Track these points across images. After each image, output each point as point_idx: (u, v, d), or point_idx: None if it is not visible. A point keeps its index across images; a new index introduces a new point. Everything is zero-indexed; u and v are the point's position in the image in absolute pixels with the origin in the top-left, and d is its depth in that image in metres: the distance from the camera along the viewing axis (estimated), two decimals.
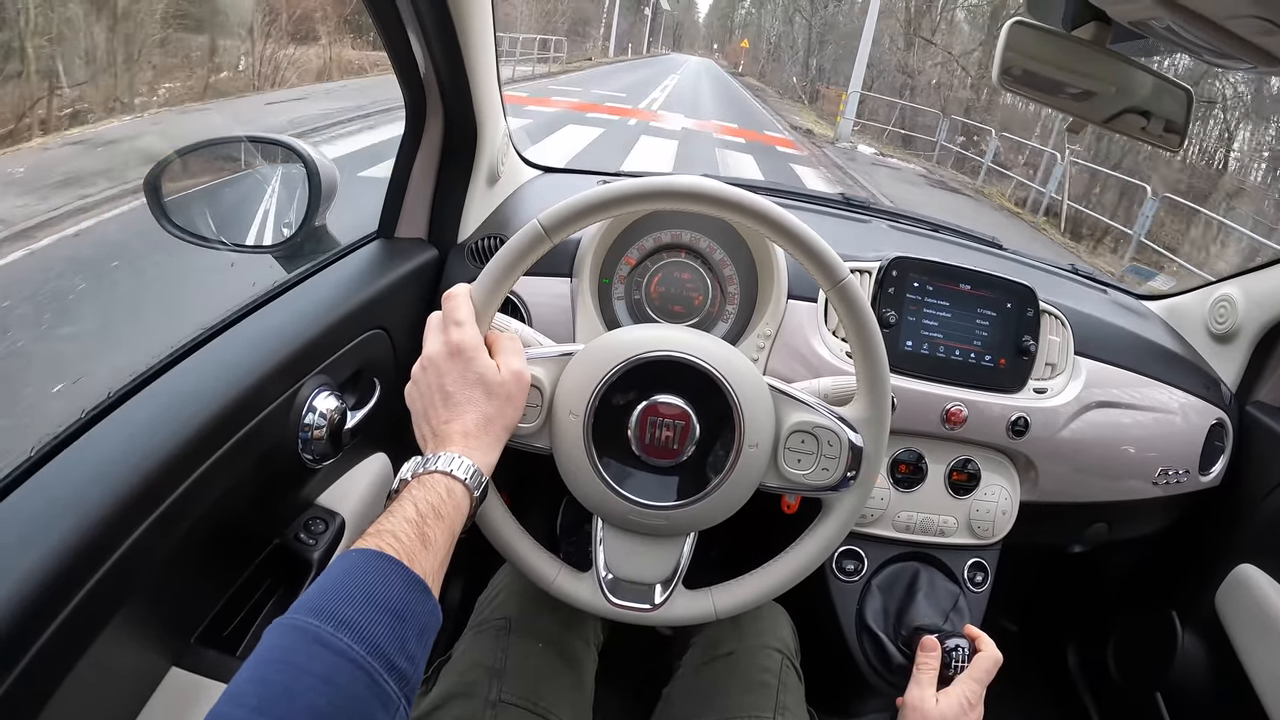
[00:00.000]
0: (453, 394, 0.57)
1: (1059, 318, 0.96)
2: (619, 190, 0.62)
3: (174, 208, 0.88)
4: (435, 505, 0.51)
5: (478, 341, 0.59)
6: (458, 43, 0.77)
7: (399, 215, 0.88)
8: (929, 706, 0.68)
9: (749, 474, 0.64)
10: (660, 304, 0.82)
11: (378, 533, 0.48)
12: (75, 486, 0.50)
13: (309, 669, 0.40)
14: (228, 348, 0.67)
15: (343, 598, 0.44)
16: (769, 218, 0.62)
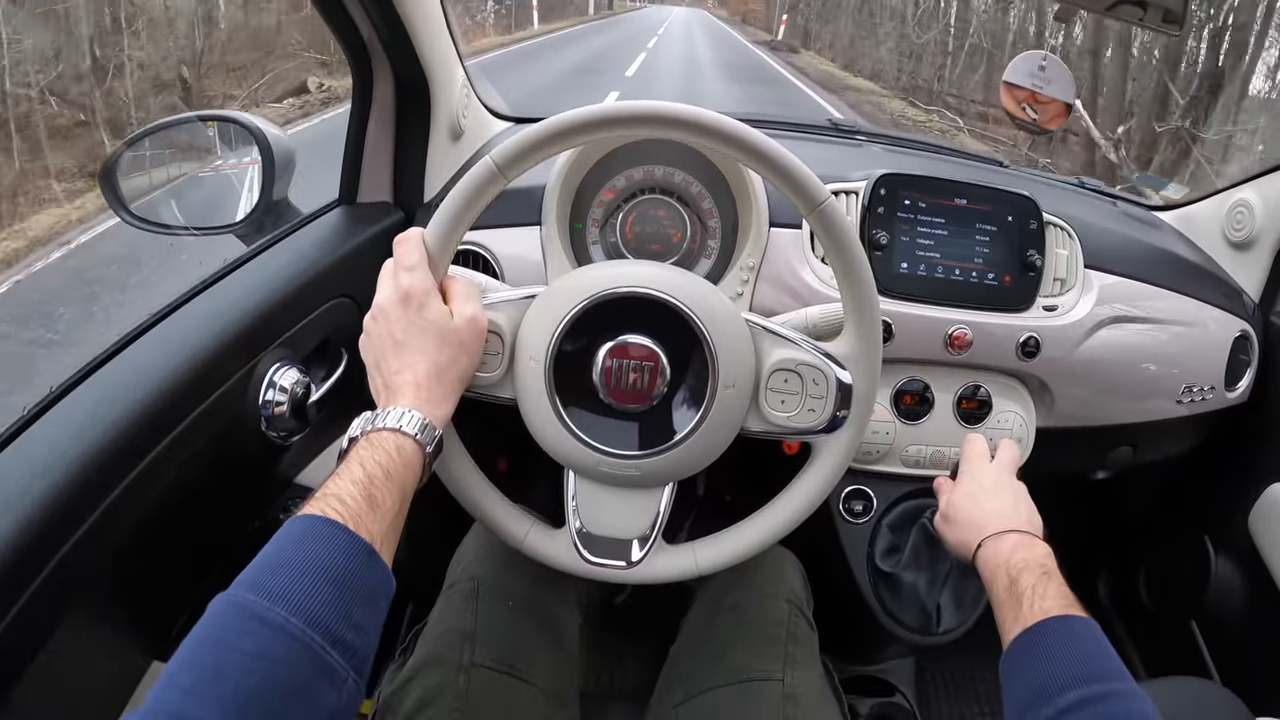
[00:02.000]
0: (403, 342, 0.54)
1: (1065, 229, 0.91)
2: (574, 118, 0.57)
3: (131, 196, 0.86)
4: (384, 464, 0.49)
5: (429, 286, 0.56)
6: (392, 2, 0.73)
7: (359, 180, 0.84)
8: (953, 500, 0.71)
9: (727, 418, 0.60)
10: (637, 244, 0.78)
11: (323, 497, 0.46)
12: (17, 482, 0.48)
13: (240, 646, 0.38)
14: (177, 328, 0.65)
15: (281, 568, 0.42)
16: (739, 139, 0.57)
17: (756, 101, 10.31)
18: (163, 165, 0.88)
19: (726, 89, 11.31)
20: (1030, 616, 0.54)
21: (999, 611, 0.59)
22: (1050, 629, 0.53)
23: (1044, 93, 0.83)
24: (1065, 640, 0.53)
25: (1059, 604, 0.55)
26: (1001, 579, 0.59)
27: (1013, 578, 0.58)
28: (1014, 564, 0.59)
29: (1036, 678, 0.51)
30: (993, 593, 0.60)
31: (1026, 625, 0.54)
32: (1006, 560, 0.60)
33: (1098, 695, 0.48)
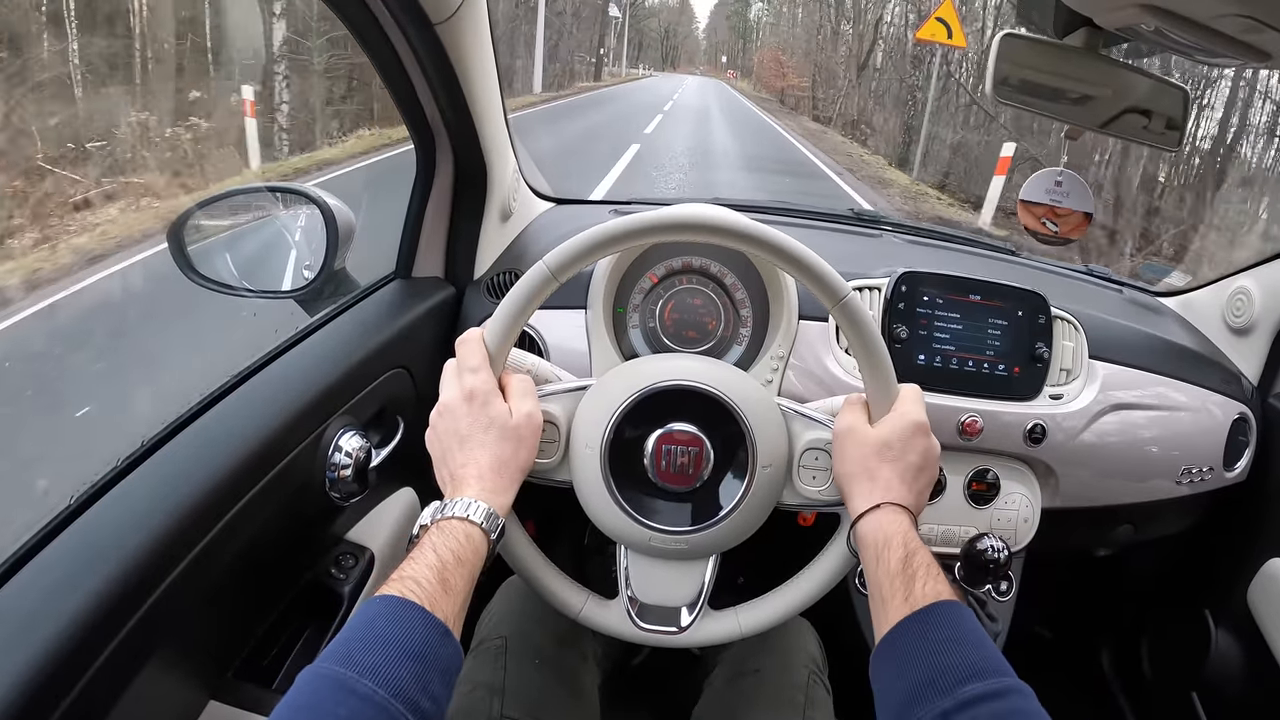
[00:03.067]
0: (468, 437, 0.60)
1: (1072, 323, 0.96)
2: (620, 227, 0.64)
3: (198, 257, 0.91)
4: (455, 551, 0.53)
5: (491, 386, 0.61)
6: (461, 89, 0.80)
7: (415, 255, 0.90)
8: (863, 429, 0.63)
9: (765, 494, 0.66)
10: (675, 330, 0.84)
11: (400, 579, 0.50)
12: (115, 531, 0.53)
13: (336, 714, 0.43)
14: (255, 393, 0.70)
15: (367, 644, 0.46)
16: (767, 242, 0.63)
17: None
18: (230, 229, 0.94)
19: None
20: (922, 597, 0.52)
21: (884, 583, 0.55)
22: (944, 613, 0.51)
23: (1063, 205, 0.89)
24: (960, 628, 0.50)
25: (949, 589, 0.53)
26: (897, 551, 0.55)
27: (909, 552, 0.55)
28: (910, 539, 0.56)
29: (932, 665, 0.49)
30: (879, 562, 0.56)
31: (918, 606, 0.51)
32: (904, 532, 0.57)
33: (999, 691, 0.47)
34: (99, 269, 3.22)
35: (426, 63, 0.75)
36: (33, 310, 2.89)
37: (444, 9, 0.70)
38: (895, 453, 0.61)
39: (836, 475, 0.64)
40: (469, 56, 0.77)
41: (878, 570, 0.56)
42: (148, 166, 4.44)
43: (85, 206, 3.63)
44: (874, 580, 0.56)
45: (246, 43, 6.84)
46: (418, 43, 0.72)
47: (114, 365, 2.48)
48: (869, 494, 0.60)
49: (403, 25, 0.70)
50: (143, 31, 5.38)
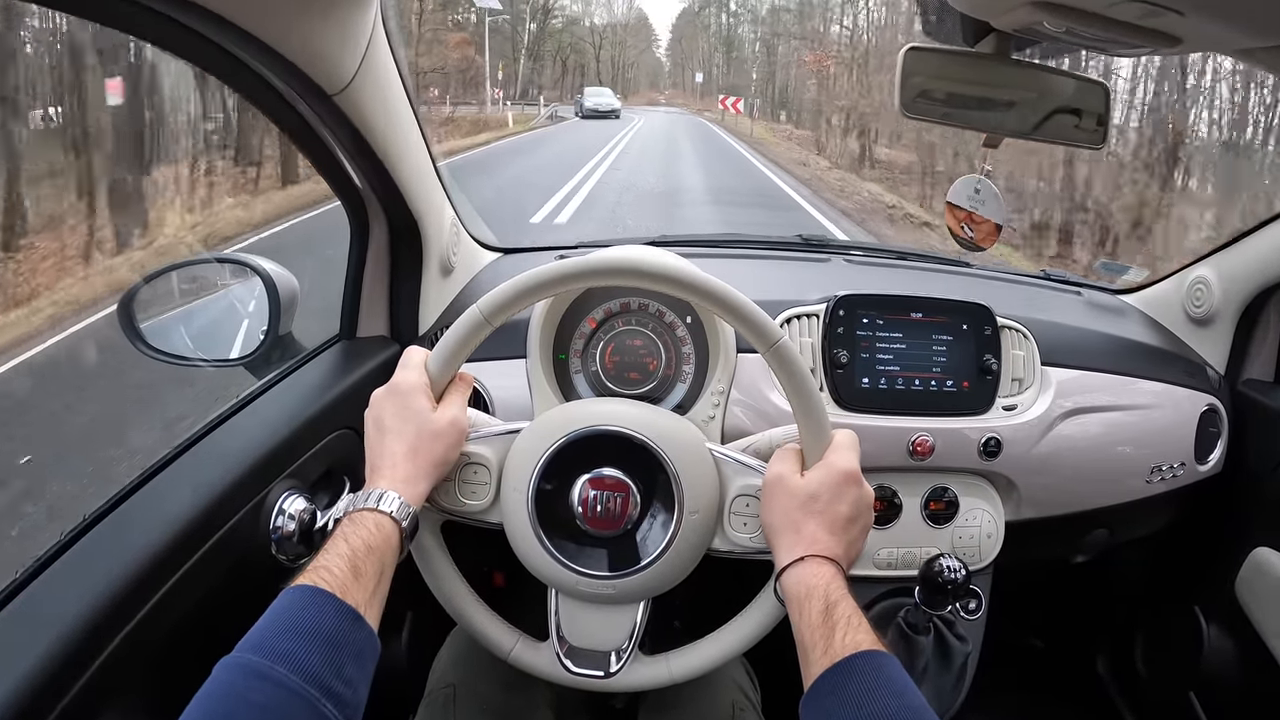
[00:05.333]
0: (387, 428, 0.63)
1: (1021, 331, 0.96)
2: (550, 273, 0.65)
3: (149, 330, 0.93)
4: (365, 539, 0.55)
5: (418, 384, 0.64)
6: (375, 153, 0.81)
7: (358, 315, 0.91)
8: (791, 480, 0.62)
9: (693, 540, 0.66)
10: (617, 373, 0.84)
11: (313, 569, 0.53)
12: (51, 608, 0.54)
13: (250, 699, 0.45)
14: (195, 462, 0.71)
15: (279, 632, 0.49)
16: (696, 286, 0.64)
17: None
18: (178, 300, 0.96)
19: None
20: (842, 649, 0.52)
21: (806, 635, 0.55)
22: (863, 665, 0.51)
23: (979, 213, 0.90)
24: (878, 678, 0.51)
25: (871, 639, 0.53)
26: (817, 603, 0.56)
27: (830, 604, 0.55)
28: (833, 590, 0.56)
29: (852, 718, 0.49)
30: (801, 614, 0.56)
31: (838, 658, 0.52)
32: (826, 585, 0.57)
33: None
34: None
35: (337, 130, 0.76)
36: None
37: (339, 80, 0.71)
38: (822, 504, 0.60)
39: (764, 525, 0.64)
40: (375, 122, 0.78)
41: (800, 622, 0.56)
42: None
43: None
44: (797, 631, 0.57)
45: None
46: (322, 112, 0.73)
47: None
48: (793, 546, 0.60)
49: (304, 98, 0.71)
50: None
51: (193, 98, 7.29)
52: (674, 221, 8.02)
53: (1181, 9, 0.57)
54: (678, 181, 11.37)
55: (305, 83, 0.68)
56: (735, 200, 10.00)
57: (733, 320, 0.65)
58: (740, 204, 9.73)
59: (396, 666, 1.00)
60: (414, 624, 1.04)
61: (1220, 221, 6.34)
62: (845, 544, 0.61)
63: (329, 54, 0.68)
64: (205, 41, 0.60)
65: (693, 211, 8.97)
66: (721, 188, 11.04)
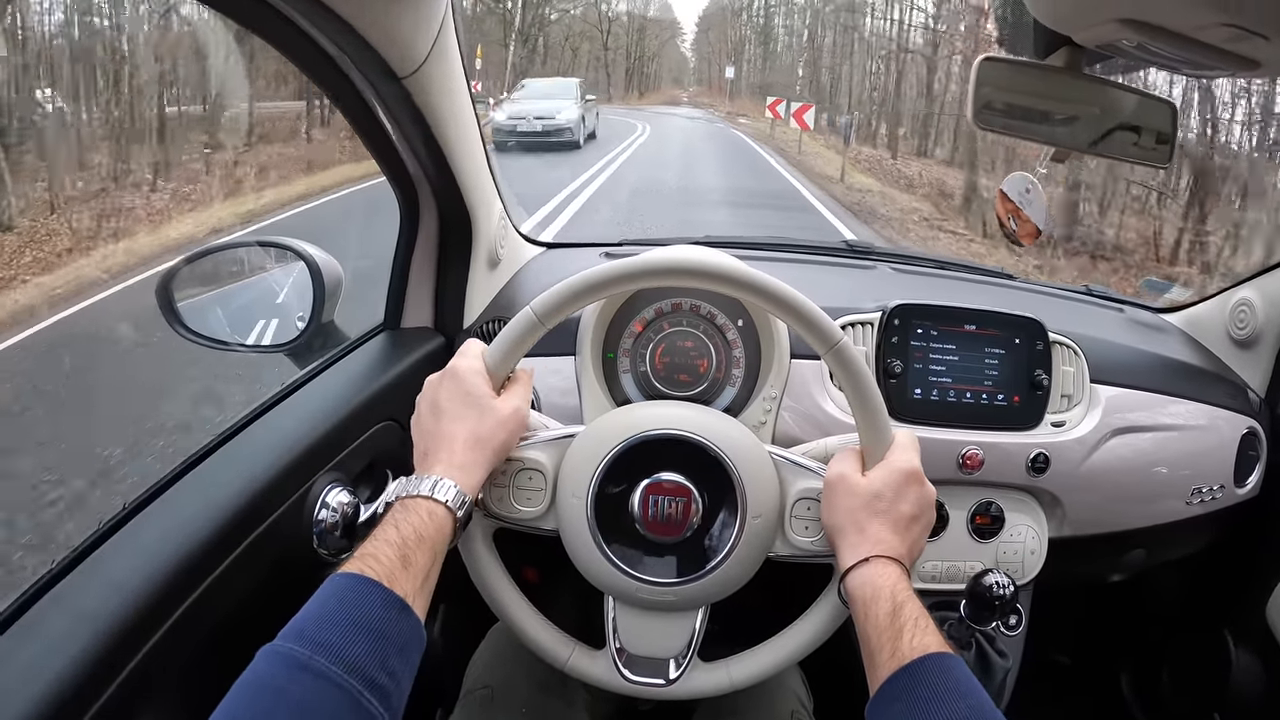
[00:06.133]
0: (445, 410, 0.60)
1: (1071, 347, 0.95)
2: (606, 273, 0.64)
3: (187, 312, 0.91)
4: (417, 528, 0.53)
5: (478, 371, 0.62)
6: (436, 140, 0.79)
7: (403, 306, 0.90)
8: (854, 479, 0.61)
9: (756, 545, 0.65)
10: (666, 374, 0.83)
11: (360, 557, 0.51)
12: (94, 597, 0.52)
13: (289, 692, 0.43)
14: (239, 451, 0.69)
15: (322, 621, 0.47)
16: (756, 287, 0.63)
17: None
18: (218, 283, 0.94)
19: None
20: (910, 651, 0.51)
21: (873, 637, 0.54)
22: (931, 667, 0.50)
23: (1024, 211, 0.89)
24: (947, 680, 0.50)
25: (939, 641, 0.52)
26: (884, 604, 0.55)
27: (897, 605, 0.54)
28: (899, 591, 0.56)
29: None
30: (867, 616, 0.56)
31: (905, 660, 0.51)
32: (892, 585, 0.56)
33: None
34: None
35: (399, 115, 0.75)
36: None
37: (409, 63, 0.69)
38: (886, 503, 0.60)
39: (826, 527, 0.63)
40: (441, 108, 0.77)
41: (866, 624, 0.55)
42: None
43: None
44: (863, 633, 0.56)
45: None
46: (387, 96, 0.72)
47: None
48: (857, 547, 0.59)
49: (370, 79, 0.70)
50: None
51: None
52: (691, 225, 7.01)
53: (1269, 34, 0.56)
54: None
55: (376, 62, 0.66)
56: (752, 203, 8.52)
57: (792, 321, 0.64)
58: (754, 205, 8.48)
59: (429, 659, 0.98)
60: (447, 617, 1.03)
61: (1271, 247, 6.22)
62: (909, 543, 0.60)
63: (403, 35, 0.67)
64: (276, 13, 0.59)
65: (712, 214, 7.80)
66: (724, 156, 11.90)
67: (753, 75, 35.16)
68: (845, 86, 25.53)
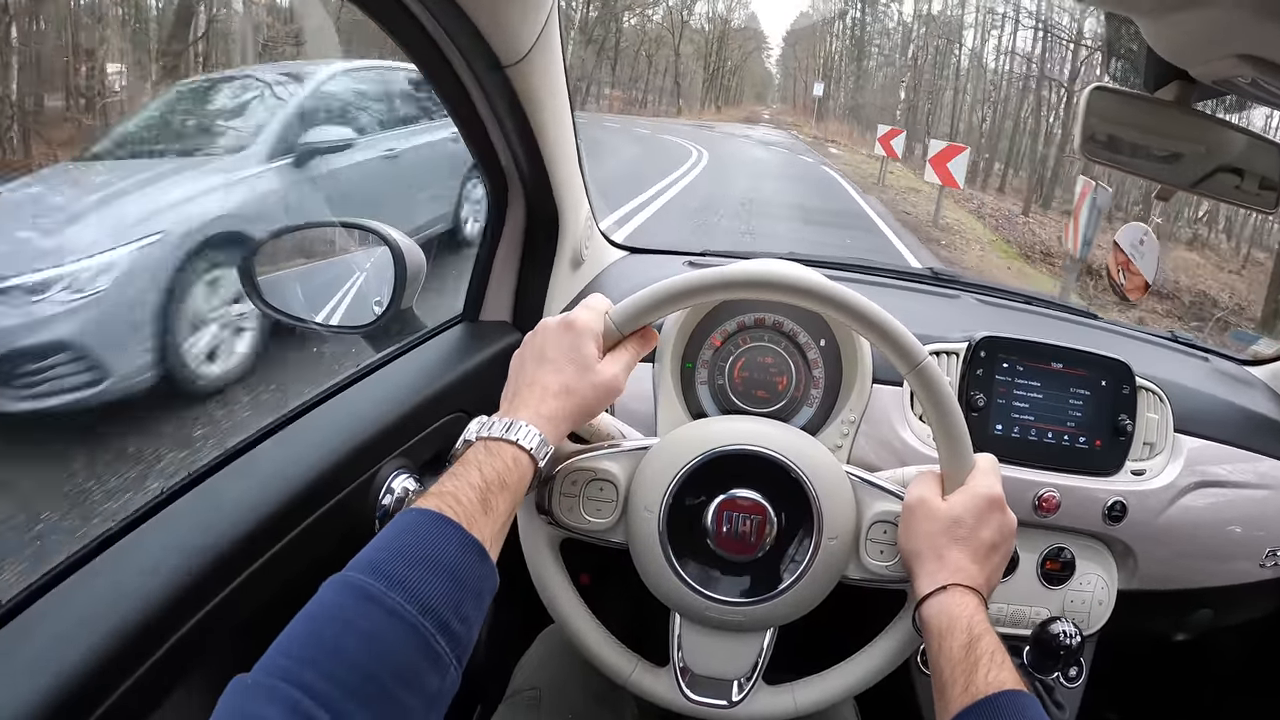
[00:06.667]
0: (547, 359, 0.58)
1: (1157, 394, 0.91)
2: (689, 283, 0.62)
3: (267, 287, 0.92)
4: (500, 472, 0.51)
5: (593, 328, 0.60)
6: (533, 133, 0.79)
7: (484, 299, 0.89)
8: (935, 504, 0.60)
9: (829, 567, 0.63)
10: (744, 389, 0.82)
11: (439, 494, 0.49)
12: (150, 558, 0.52)
13: (359, 626, 0.41)
14: (311, 428, 0.70)
15: (398, 556, 0.44)
16: (842, 303, 0.61)
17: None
18: (299, 262, 0.95)
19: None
20: (984, 686, 0.50)
21: (946, 669, 0.53)
22: (1006, 705, 0.49)
23: (1135, 264, 0.86)
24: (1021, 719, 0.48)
25: (1014, 678, 0.51)
26: (960, 636, 0.53)
27: (973, 638, 0.53)
28: (976, 623, 0.54)
29: None
30: (941, 646, 0.54)
31: (979, 696, 0.49)
32: (970, 616, 0.55)
33: None
34: None
35: (498, 105, 0.74)
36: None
37: (515, 51, 0.69)
38: (966, 530, 0.58)
39: (903, 551, 0.61)
40: (541, 100, 0.76)
41: (940, 655, 0.54)
42: None
43: None
44: (935, 665, 0.54)
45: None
46: (489, 85, 0.71)
47: None
48: (935, 574, 0.57)
49: (474, 67, 0.69)
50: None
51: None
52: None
53: None
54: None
55: (482, 49, 0.66)
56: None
57: (876, 338, 0.62)
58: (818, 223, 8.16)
59: (472, 656, 0.98)
60: (494, 617, 1.03)
61: None
62: (988, 573, 0.58)
63: (511, 23, 0.66)
64: None
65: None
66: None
67: (844, 95, 30.78)
68: (960, 115, 21.31)
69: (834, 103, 30.54)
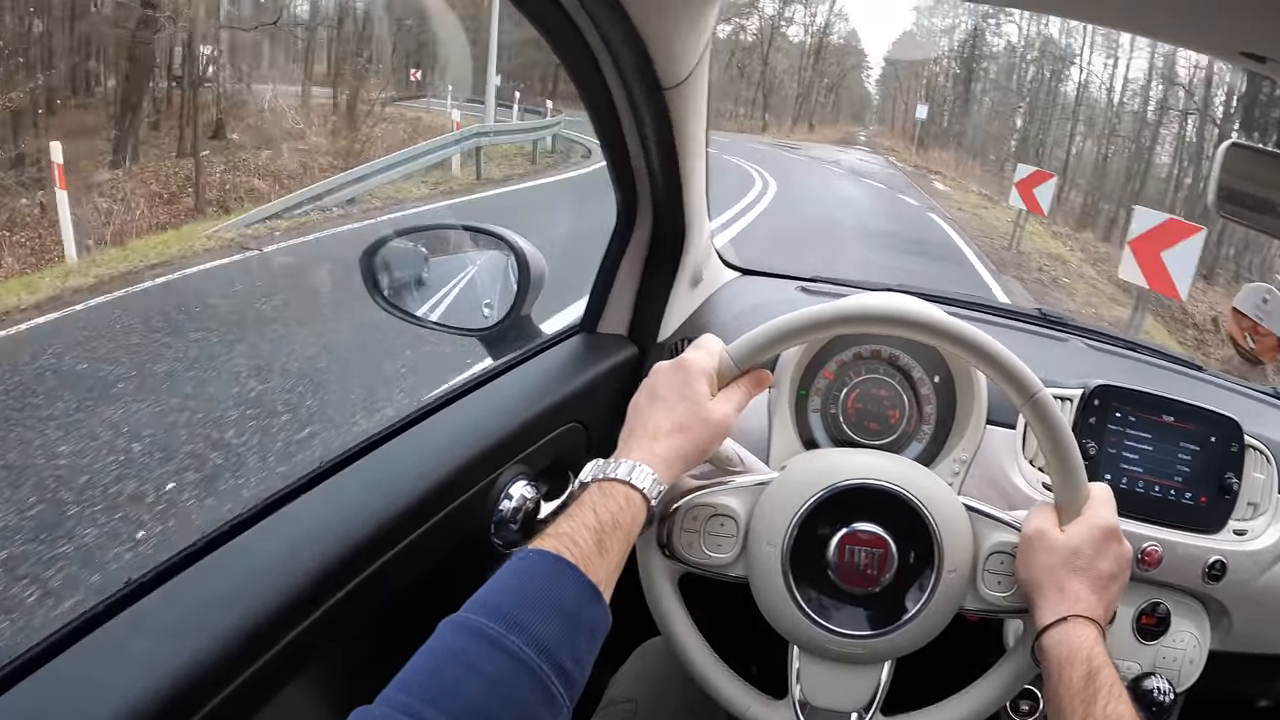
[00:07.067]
0: (660, 397, 0.61)
1: (1264, 453, 0.91)
2: (806, 319, 0.64)
3: (386, 283, 0.95)
4: (614, 513, 0.53)
5: (705, 368, 0.62)
6: (675, 149, 0.80)
7: (603, 310, 0.91)
8: (1053, 536, 0.61)
9: (949, 599, 0.64)
10: (856, 420, 0.82)
11: (556, 535, 0.50)
12: (281, 548, 0.54)
13: (480, 668, 0.43)
14: (434, 432, 0.72)
15: (517, 599, 0.46)
16: (958, 336, 0.63)
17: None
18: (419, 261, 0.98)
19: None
20: (1101, 718, 0.51)
21: (1064, 699, 0.54)
22: None
23: (1264, 325, 0.85)
24: None
25: (1132, 712, 0.52)
26: (1080, 667, 0.54)
27: (1092, 670, 0.54)
28: (1096, 654, 0.55)
29: None
30: (1060, 678, 0.55)
31: None
32: (1089, 648, 0.56)
33: None
34: None
35: (647, 125, 0.76)
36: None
37: (676, 75, 0.71)
38: (1085, 561, 0.60)
39: (1022, 582, 0.63)
40: (689, 123, 0.78)
41: (1059, 685, 0.55)
42: None
43: None
44: (1054, 695, 0.55)
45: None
46: (644, 106, 0.73)
47: None
48: (1056, 605, 0.59)
49: (630, 87, 0.70)
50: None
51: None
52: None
53: None
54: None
55: (647, 71, 0.68)
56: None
57: (991, 370, 0.63)
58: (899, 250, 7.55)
59: None
60: None
61: None
62: (1106, 603, 0.60)
63: (676, 48, 0.68)
64: (557, 6, 0.60)
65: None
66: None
67: (947, 119, 27.25)
68: (1086, 154, 17.51)
69: (936, 127, 27.55)
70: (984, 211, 12.23)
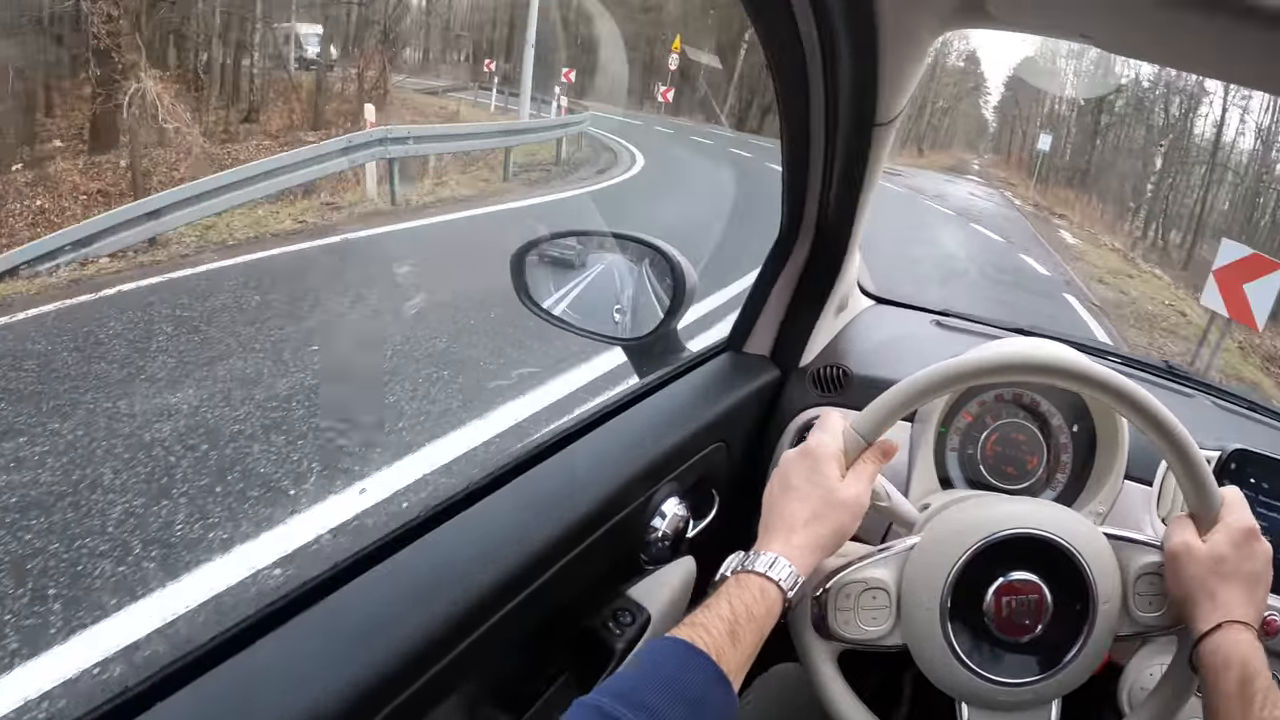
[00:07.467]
0: (792, 485, 0.62)
1: None
2: (930, 379, 0.65)
3: (533, 284, 0.98)
4: (749, 605, 0.55)
5: (831, 451, 0.63)
6: (860, 182, 0.80)
7: (751, 331, 0.93)
8: (1196, 546, 0.63)
9: (1106, 630, 0.65)
10: (994, 463, 0.84)
11: (691, 625, 0.53)
12: (431, 571, 0.56)
13: None
14: (592, 448, 0.74)
15: (648, 684, 0.49)
16: (1135, 402, 0.64)
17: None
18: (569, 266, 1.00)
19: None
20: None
21: (1220, 705, 0.55)
22: None
23: None
24: None
25: None
26: (1235, 672, 0.56)
27: (1247, 676, 0.55)
28: (1251, 661, 0.56)
29: None
30: (1217, 683, 0.57)
31: None
32: (1244, 655, 0.57)
33: None
34: None
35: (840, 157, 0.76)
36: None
37: (888, 112, 0.71)
38: (1231, 565, 0.61)
39: (1173, 598, 0.64)
40: (880, 158, 0.79)
41: (1214, 691, 0.57)
42: None
43: None
44: (1209, 700, 0.57)
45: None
46: (848, 140, 0.73)
47: None
48: (1210, 614, 0.60)
49: (837, 119, 0.70)
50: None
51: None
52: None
53: None
54: None
55: (862, 104, 0.67)
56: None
57: (1179, 466, 0.64)
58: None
59: None
60: None
61: None
62: (1256, 605, 0.61)
63: (898, 82, 0.68)
64: (792, 20, 0.61)
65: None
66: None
67: (1070, 154, 23.89)
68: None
69: (1060, 160, 24.03)
70: (1129, 283, 9.47)
